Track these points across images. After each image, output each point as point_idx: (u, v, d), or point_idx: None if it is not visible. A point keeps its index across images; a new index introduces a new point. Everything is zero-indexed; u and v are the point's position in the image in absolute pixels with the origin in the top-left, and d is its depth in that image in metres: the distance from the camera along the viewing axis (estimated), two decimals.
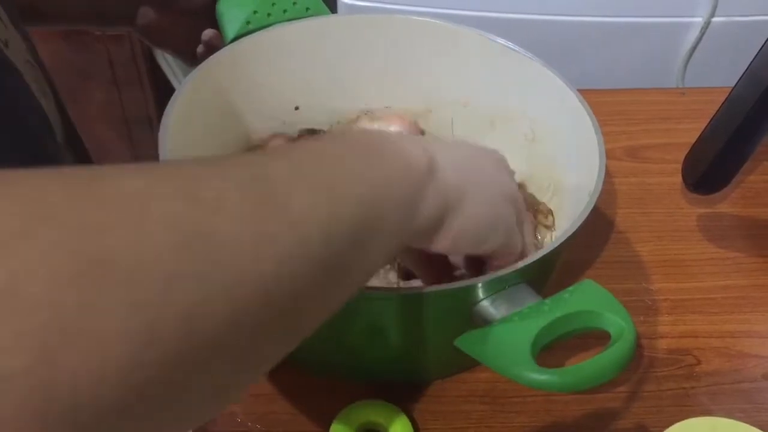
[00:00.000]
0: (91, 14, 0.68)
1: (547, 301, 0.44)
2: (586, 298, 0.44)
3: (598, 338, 0.44)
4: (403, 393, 0.55)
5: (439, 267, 0.50)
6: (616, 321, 0.43)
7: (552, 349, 0.43)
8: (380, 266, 0.35)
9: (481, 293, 0.46)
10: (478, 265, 0.48)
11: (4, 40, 0.46)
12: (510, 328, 0.43)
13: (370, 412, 0.53)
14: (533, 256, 0.47)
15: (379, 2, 1.06)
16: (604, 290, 0.45)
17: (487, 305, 0.45)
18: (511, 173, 0.48)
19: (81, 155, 0.61)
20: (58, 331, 0.21)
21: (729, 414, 0.53)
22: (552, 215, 0.63)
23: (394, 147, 0.37)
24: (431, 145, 0.39)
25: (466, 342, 0.44)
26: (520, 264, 0.46)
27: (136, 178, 0.25)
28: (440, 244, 0.40)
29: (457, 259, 0.51)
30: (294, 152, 0.33)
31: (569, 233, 0.48)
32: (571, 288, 0.45)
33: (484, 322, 0.45)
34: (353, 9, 1.07)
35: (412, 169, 0.36)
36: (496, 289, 0.46)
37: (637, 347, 0.54)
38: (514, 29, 1.04)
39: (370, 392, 0.55)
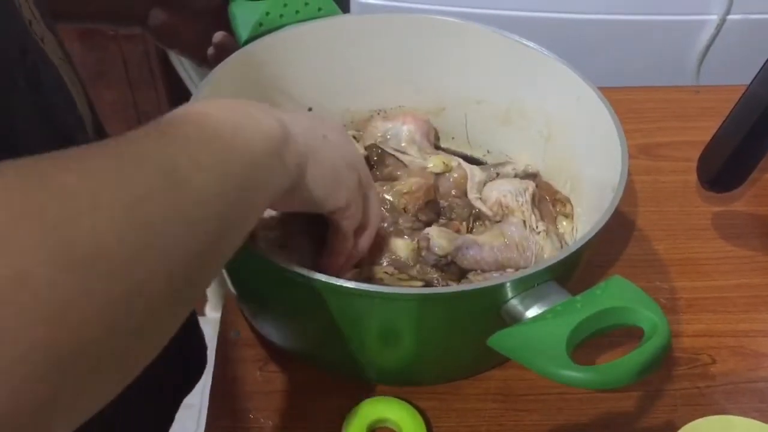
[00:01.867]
0: (106, 13, 0.69)
1: (579, 297, 0.44)
2: (618, 295, 0.44)
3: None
4: (415, 390, 0.55)
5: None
6: (649, 316, 0.43)
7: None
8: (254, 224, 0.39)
9: (510, 292, 0.45)
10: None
11: (40, 35, 0.46)
12: (544, 325, 0.43)
13: (383, 409, 0.53)
14: (561, 254, 0.47)
15: (392, 1, 1.06)
16: (634, 286, 0.44)
17: (516, 303, 0.45)
18: (353, 142, 0.53)
19: None
20: None
21: (744, 413, 0.53)
22: (570, 203, 0.62)
23: (249, 122, 0.39)
24: (280, 114, 0.42)
25: (499, 341, 0.44)
26: (549, 262, 0.46)
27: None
28: (296, 202, 0.44)
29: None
30: (188, 141, 0.35)
31: (595, 230, 0.48)
32: (601, 284, 0.44)
33: (514, 320, 0.45)
34: (367, 8, 1.07)
35: (270, 138, 0.40)
36: (525, 287, 0.45)
37: None
38: (529, 27, 1.03)
39: (383, 389, 0.55)
